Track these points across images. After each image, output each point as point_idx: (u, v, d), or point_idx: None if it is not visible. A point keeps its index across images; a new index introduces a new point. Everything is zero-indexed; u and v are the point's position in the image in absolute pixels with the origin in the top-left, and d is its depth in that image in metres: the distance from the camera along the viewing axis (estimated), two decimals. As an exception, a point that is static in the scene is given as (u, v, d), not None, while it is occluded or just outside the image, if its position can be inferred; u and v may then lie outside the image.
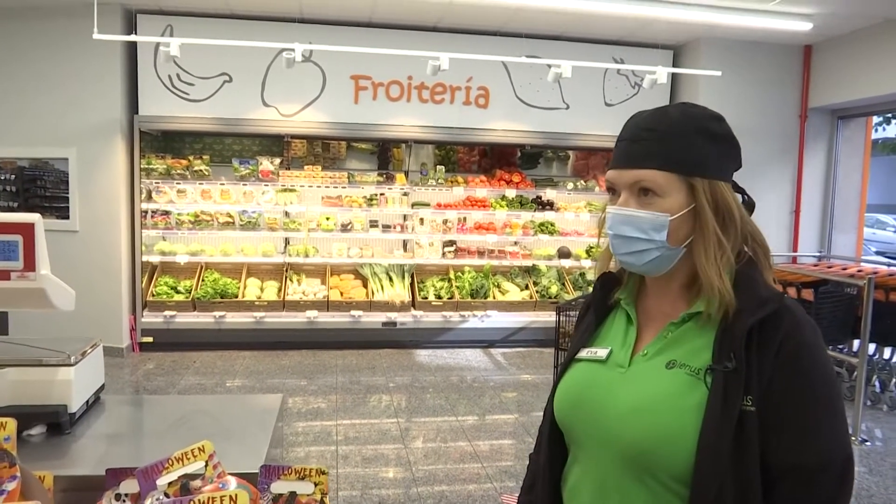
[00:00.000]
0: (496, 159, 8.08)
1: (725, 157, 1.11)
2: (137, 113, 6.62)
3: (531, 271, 7.82)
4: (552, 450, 1.23)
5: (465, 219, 7.57)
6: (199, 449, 1.17)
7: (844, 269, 6.01)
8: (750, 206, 1.15)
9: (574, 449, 1.20)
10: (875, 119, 9.41)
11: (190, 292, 6.89)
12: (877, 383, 5.78)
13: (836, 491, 1.01)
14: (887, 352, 5.90)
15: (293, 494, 1.22)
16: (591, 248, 7.81)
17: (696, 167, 1.08)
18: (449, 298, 7.30)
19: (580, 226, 7.89)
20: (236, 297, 6.93)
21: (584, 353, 1.22)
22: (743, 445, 0.99)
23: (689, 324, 1.11)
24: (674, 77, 7.48)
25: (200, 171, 6.93)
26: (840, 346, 5.74)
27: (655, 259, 1.10)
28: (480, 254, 7.61)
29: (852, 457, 1.03)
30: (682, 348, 1.09)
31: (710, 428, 0.99)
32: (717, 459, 0.98)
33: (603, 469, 1.11)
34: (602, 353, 1.18)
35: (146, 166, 6.74)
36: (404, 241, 7.65)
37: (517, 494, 4.07)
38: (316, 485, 1.23)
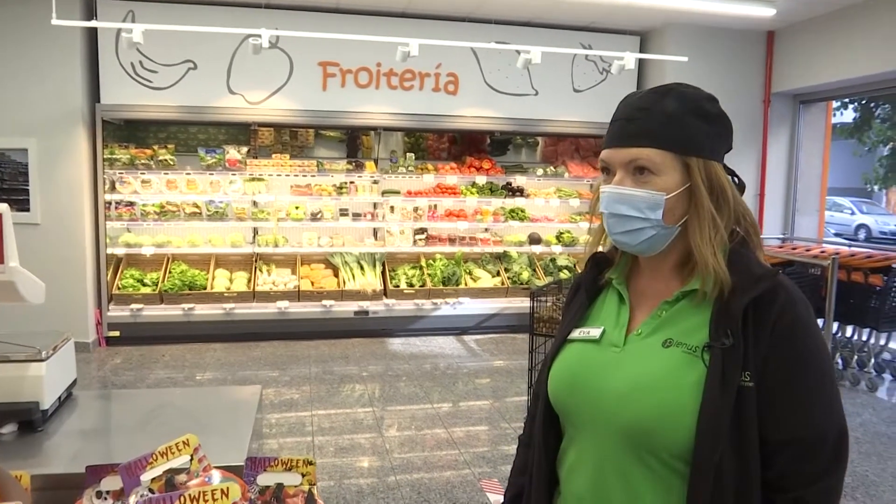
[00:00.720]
0: (466, 146, 8.07)
1: (718, 137, 1.12)
2: (99, 101, 6.45)
3: (502, 258, 7.84)
4: (547, 432, 1.22)
5: (435, 206, 7.56)
6: (183, 443, 1.15)
7: (808, 250, 6.15)
8: (741, 187, 1.16)
9: (570, 430, 1.19)
10: (833, 104, 9.60)
11: (157, 285, 6.76)
12: (840, 361, 5.94)
13: (832, 462, 1.03)
14: (849, 330, 6.06)
15: (280, 486, 1.21)
16: (562, 233, 7.86)
17: (692, 147, 1.08)
18: (421, 286, 7.29)
19: (550, 212, 7.93)
20: (205, 288, 6.82)
21: (576, 334, 1.21)
22: (742, 421, 1.01)
23: (684, 302, 1.11)
24: (641, 63, 7.53)
25: (165, 160, 6.79)
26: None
27: (651, 238, 1.10)
28: (451, 241, 7.60)
29: (846, 429, 1.05)
30: (678, 327, 1.10)
31: (710, 405, 1.00)
32: (717, 436, 0.99)
33: (601, 449, 1.11)
34: (595, 332, 1.18)
35: (109, 156, 6.58)
36: (375, 229, 7.61)
37: (495, 479, 4.09)
38: (303, 475, 1.21)
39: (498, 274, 7.63)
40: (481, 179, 7.61)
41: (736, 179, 1.16)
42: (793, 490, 1.02)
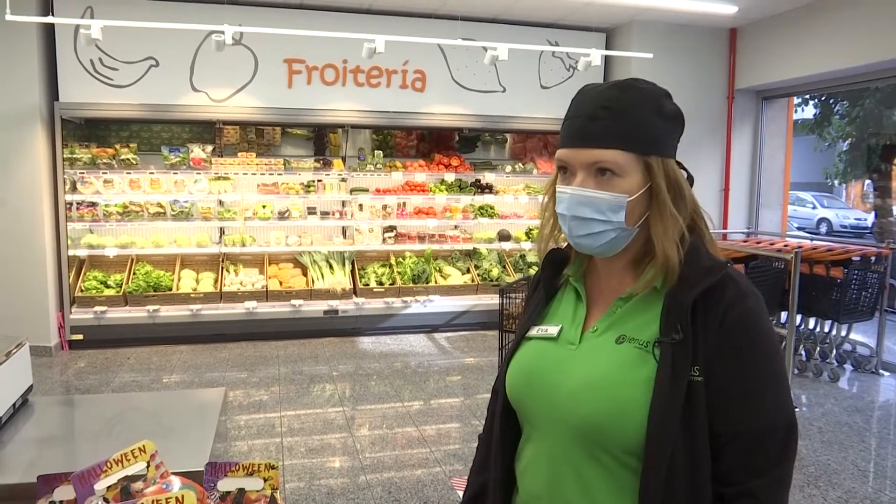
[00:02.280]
0: (434, 143, 8.06)
1: (673, 134, 1.12)
2: (58, 99, 6.29)
3: (472, 255, 7.85)
4: (504, 429, 1.22)
5: (404, 204, 7.53)
6: (139, 449, 1.12)
7: (772, 244, 6.25)
8: (691, 180, 1.16)
9: (527, 427, 1.20)
10: (795, 100, 9.80)
11: (121, 286, 6.63)
12: (803, 352, 6.05)
13: (780, 455, 1.02)
14: (812, 322, 6.18)
15: (242, 491, 1.18)
16: (531, 230, 7.89)
17: (652, 146, 1.08)
18: (391, 284, 7.25)
19: (519, 208, 7.95)
20: (170, 289, 6.71)
21: (534, 332, 1.21)
22: (692, 416, 1.01)
23: (637, 298, 1.11)
24: (607, 59, 7.59)
25: (128, 159, 6.65)
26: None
27: (612, 240, 1.10)
28: (421, 238, 7.58)
29: (795, 422, 1.05)
30: (631, 323, 1.10)
31: (660, 400, 1.00)
32: (667, 431, 0.99)
33: (556, 446, 1.11)
34: (553, 330, 1.18)
35: (69, 156, 6.43)
36: (343, 227, 7.55)
37: (466, 477, 4.09)
38: (266, 480, 1.19)
39: (468, 271, 7.63)
40: (450, 177, 7.60)
41: (685, 172, 1.15)
42: (741, 483, 1.02)
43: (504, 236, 7.77)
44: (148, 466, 1.13)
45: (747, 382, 1.02)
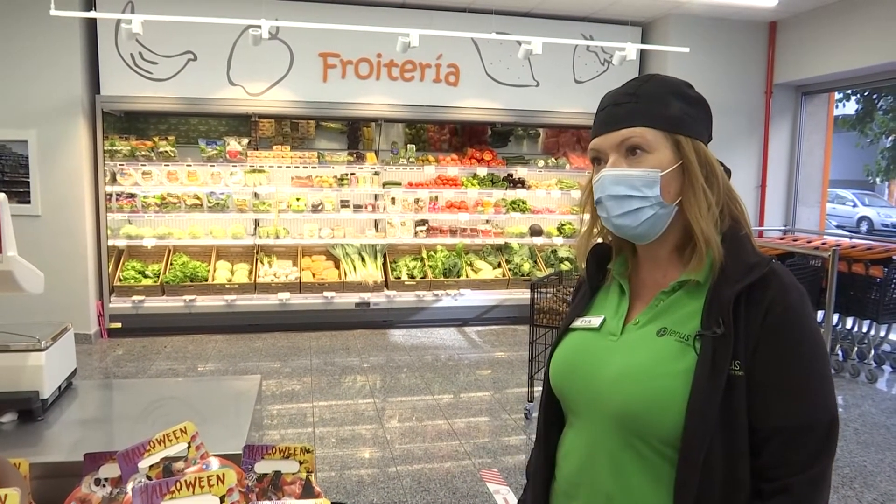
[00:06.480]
0: (467, 137, 8.06)
1: (701, 120, 1.14)
2: (99, 93, 6.44)
3: (503, 249, 7.84)
4: (548, 418, 1.26)
5: (436, 198, 7.55)
6: (181, 430, 1.16)
7: (809, 242, 6.14)
8: (727, 173, 1.17)
9: (569, 416, 1.22)
10: (836, 96, 9.57)
11: (158, 276, 6.77)
12: (840, 352, 5.94)
13: (820, 452, 1.03)
14: (849, 321, 6.05)
15: (278, 473, 1.21)
16: (563, 225, 7.86)
17: (680, 125, 1.10)
18: (422, 278, 7.29)
19: (551, 203, 7.92)
20: (206, 280, 6.83)
21: (578, 323, 1.24)
22: (731, 409, 1.02)
23: (680, 292, 1.12)
24: (642, 54, 7.51)
25: (166, 152, 6.79)
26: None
27: (651, 218, 1.10)
28: (453, 232, 7.60)
29: (837, 419, 1.05)
30: (673, 316, 1.11)
31: (699, 392, 1.01)
32: (705, 423, 1.00)
33: (594, 434, 1.13)
34: (596, 321, 1.20)
35: (109, 148, 6.58)
36: (376, 220, 7.61)
37: (496, 469, 4.10)
38: (301, 463, 1.22)
39: (499, 265, 7.63)
40: (482, 171, 7.60)
41: (721, 166, 1.17)
42: (780, 478, 1.02)
43: (536, 231, 7.74)
44: (189, 447, 1.16)
45: (788, 378, 1.03)
